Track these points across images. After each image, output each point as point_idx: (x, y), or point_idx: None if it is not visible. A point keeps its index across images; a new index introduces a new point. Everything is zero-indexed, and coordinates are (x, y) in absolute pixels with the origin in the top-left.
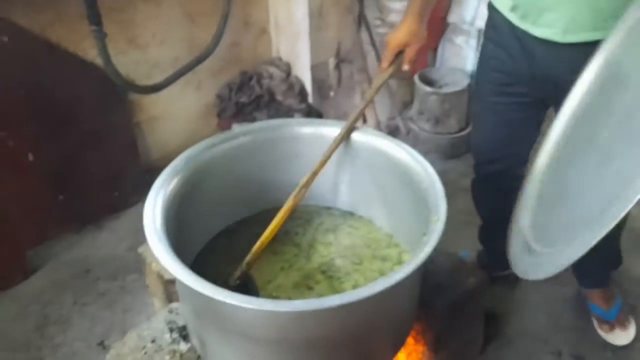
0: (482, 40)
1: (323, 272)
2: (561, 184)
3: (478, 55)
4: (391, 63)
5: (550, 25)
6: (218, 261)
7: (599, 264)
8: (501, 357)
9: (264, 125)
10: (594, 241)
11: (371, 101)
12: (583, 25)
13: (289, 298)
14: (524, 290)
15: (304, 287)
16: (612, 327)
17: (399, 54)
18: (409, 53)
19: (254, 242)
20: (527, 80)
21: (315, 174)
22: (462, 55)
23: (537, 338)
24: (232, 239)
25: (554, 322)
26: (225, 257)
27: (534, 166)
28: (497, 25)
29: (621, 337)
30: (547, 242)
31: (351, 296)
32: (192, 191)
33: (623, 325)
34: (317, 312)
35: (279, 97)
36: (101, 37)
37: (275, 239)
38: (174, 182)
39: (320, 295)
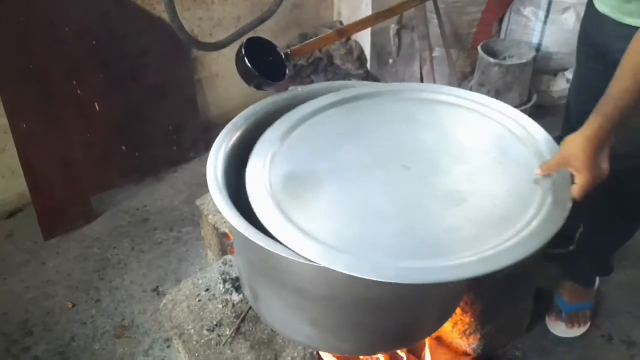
0: (552, 12)
1: None
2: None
3: (547, 27)
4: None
5: (605, 2)
6: None
7: (588, 263)
8: (549, 337)
9: (327, 86)
10: None
11: None
12: (632, 10)
13: None
14: None
15: None
16: (558, 318)
17: None
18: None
19: None
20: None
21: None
22: (529, 27)
23: None
24: None
25: (607, 306)
26: None
27: None
28: None
29: (562, 329)
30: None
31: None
32: (253, 146)
33: (572, 323)
34: None
35: (338, 62)
36: None
37: None
38: (235, 137)
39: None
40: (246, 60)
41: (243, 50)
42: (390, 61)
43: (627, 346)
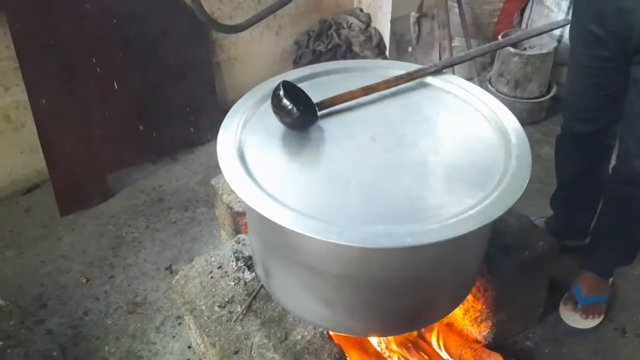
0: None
1: None
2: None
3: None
4: None
5: None
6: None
7: (611, 253)
8: (562, 328)
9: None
10: None
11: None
12: None
13: None
14: None
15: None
16: (573, 308)
17: None
18: None
19: None
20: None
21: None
22: (551, 18)
23: None
24: None
25: (621, 299)
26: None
27: None
28: None
29: (576, 320)
30: None
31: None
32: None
33: (586, 314)
34: (384, 251)
35: (356, 48)
36: None
37: None
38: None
39: None
40: (285, 98)
41: (282, 89)
42: (409, 49)
43: None
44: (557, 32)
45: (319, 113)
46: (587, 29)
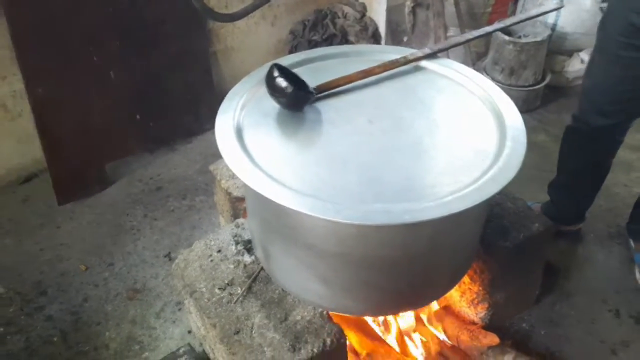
0: None
1: None
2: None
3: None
4: None
5: None
6: None
7: None
8: (557, 310)
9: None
10: None
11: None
12: None
13: None
14: (588, 248)
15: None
16: None
17: None
18: None
19: None
20: None
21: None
22: (545, 6)
23: (596, 296)
24: None
25: (616, 282)
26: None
27: None
28: None
29: None
30: None
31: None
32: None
33: None
34: (381, 228)
35: (352, 38)
36: None
37: None
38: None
39: None
40: (278, 77)
41: (275, 69)
42: (405, 39)
43: (635, 321)
44: (551, 20)
45: (316, 96)
46: (627, 20)
